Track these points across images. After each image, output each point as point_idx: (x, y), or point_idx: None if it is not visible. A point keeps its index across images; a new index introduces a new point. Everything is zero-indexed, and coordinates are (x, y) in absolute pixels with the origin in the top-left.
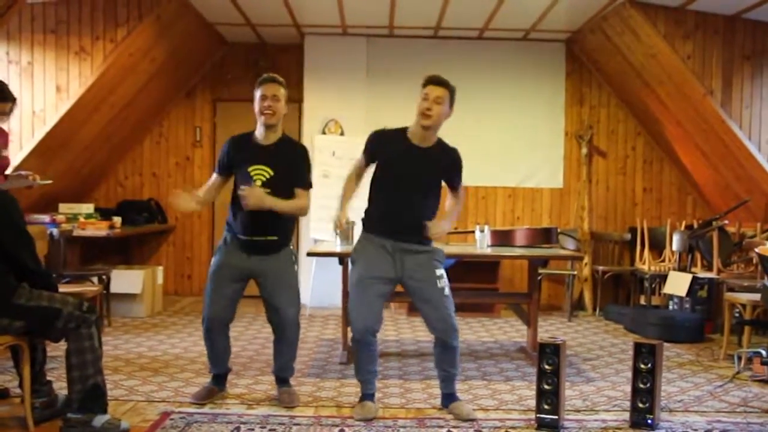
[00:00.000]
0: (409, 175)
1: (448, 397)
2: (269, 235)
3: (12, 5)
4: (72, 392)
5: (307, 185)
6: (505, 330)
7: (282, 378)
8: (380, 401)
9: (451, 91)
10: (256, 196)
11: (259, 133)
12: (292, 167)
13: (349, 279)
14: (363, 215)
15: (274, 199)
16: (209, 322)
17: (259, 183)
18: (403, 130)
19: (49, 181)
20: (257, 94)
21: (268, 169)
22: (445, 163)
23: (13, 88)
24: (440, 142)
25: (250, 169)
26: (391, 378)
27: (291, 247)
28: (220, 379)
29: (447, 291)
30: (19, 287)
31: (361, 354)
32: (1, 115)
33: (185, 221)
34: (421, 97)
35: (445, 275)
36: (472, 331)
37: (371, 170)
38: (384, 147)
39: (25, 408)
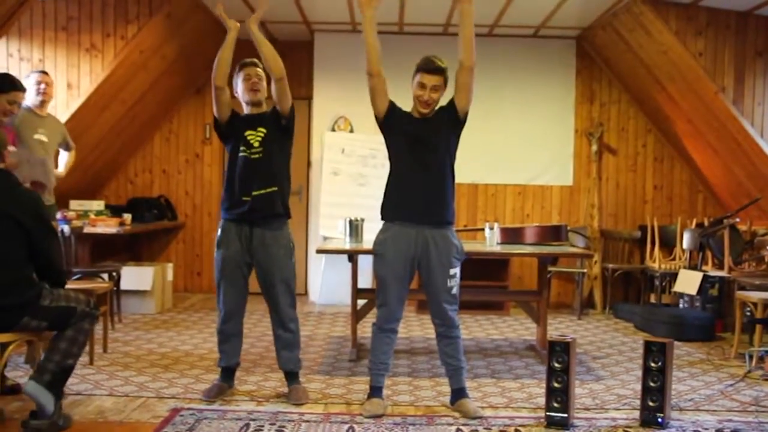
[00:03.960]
0: (411, 141)
1: (458, 393)
2: (268, 187)
3: (24, 2)
4: (50, 361)
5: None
6: (514, 328)
7: (290, 372)
8: (389, 398)
9: (446, 75)
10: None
11: (248, 109)
12: (277, 112)
13: (373, 268)
14: (382, 204)
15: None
16: (226, 314)
17: (257, 144)
18: (408, 112)
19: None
20: (240, 76)
21: (262, 129)
22: (442, 122)
23: (25, 85)
24: (439, 108)
25: (246, 133)
26: (401, 375)
27: (290, 236)
28: (229, 373)
29: (455, 290)
30: (43, 288)
31: (378, 341)
32: (17, 103)
33: (195, 218)
34: (417, 85)
35: (458, 275)
36: (481, 328)
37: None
38: (397, 116)
39: None
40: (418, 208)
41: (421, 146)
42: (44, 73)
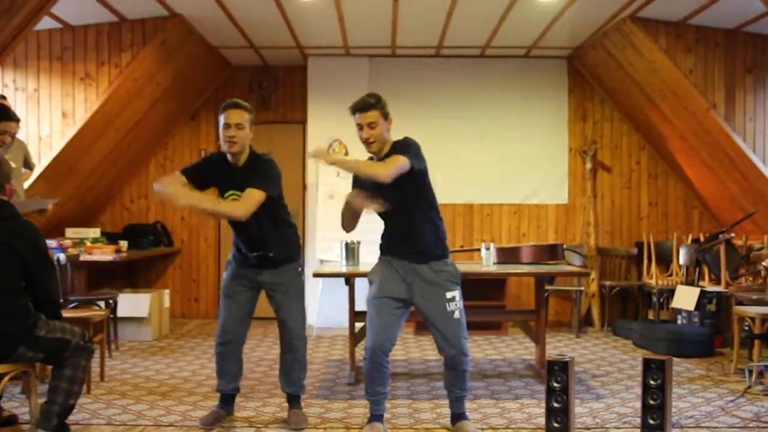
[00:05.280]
0: (377, 189)
1: (457, 416)
2: (263, 251)
3: (18, 33)
4: (54, 404)
5: (257, 186)
6: (513, 347)
7: (293, 396)
8: (389, 422)
9: (380, 106)
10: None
11: (229, 157)
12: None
13: (366, 298)
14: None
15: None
16: (223, 335)
17: None
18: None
19: (58, 198)
20: (221, 120)
21: (239, 193)
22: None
23: (20, 115)
24: (392, 145)
25: (226, 195)
26: (400, 398)
27: (299, 261)
28: (227, 400)
29: (458, 314)
30: (39, 319)
31: (371, 373)
32: (8, 133)
33: (191, 244)
34: (356, 127)
35: (458, 297)
36: (479, 349)
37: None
38: (359, 180)
39: None
40: (402, 247)
41: (383, 190)
42: (2, 97)
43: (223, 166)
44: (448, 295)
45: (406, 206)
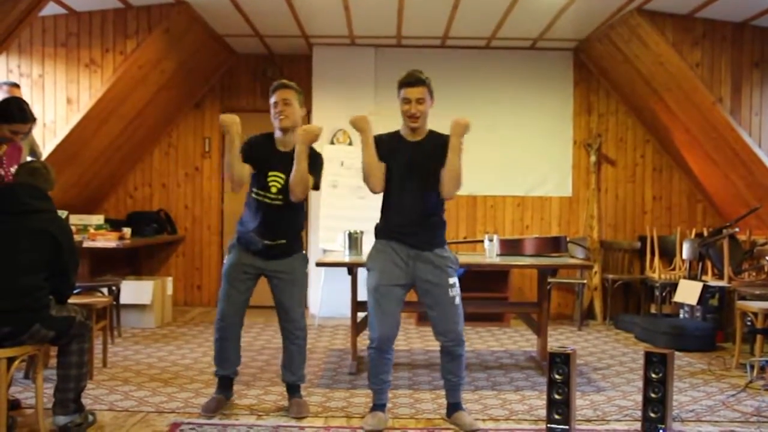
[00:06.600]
0: (406, 168)
1: (453, 407)
2: (279, 239)
3: (23, 19)
4: (69, 390)
5: (314, 176)
6: (515, 339)
7: (293, 385)
8: (390, 411)
9: (428, 84)
10: (309, 132)
11: (278, 137)
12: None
13: (366, 287)
14: (378, 225)
15: (304, 156)
16: (223, 320)
17: (274, 190)
18: (396, 132)
19: (65, 212)
20: (271, 101)
21: (283, 176)
22: (436, 150)
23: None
24: (431, 133)
25: (269, 174)
26: (401, 388)
27: (303, 252)
28: (226, 385)
29: (458, 300)
30: (51, 300)
31: (377, 362)
32: (21, 134)
33: (194, 231)
34: (402, 101)
35: (457, 284)
36: (482, 340)
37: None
38: (381, 149)
39: (37, 418)
40: (411, 231)
41: (417, 171)
42: (15, 85)
43: (270, 147)
44: (450, 281)
45: (428, 188)
